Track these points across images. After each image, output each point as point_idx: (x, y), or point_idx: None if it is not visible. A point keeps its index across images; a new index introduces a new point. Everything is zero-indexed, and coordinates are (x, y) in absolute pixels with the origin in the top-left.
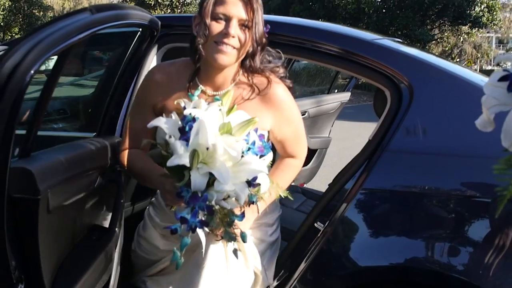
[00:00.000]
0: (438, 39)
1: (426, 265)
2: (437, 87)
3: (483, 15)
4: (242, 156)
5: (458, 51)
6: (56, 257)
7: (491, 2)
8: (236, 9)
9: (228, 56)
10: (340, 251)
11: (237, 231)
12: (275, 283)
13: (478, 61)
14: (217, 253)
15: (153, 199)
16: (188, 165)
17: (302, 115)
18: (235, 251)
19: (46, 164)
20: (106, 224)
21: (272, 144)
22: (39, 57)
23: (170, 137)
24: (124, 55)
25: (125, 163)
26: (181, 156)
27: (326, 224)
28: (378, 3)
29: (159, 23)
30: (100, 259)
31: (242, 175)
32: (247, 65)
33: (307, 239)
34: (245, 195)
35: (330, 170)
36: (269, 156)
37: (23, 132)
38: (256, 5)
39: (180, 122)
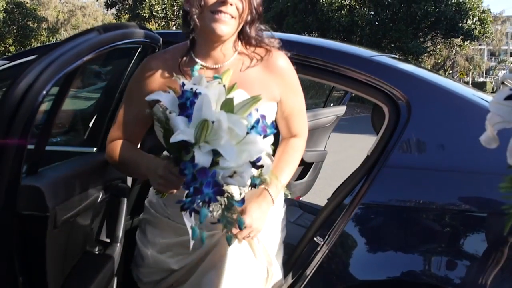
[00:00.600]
0: (431, 52)
1: (423, 278)
2: (434, 104)
3: (475, 28)
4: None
5: (450, 63)
6: (61, 272)
7: (483, 15)
8: None
9: (227, 26)
10: (339, 265)
11: (234, 216)
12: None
13: (471, 73)
14: (229, 256)
15: (143, 216)
16: (192, 141)
17: None
18: (229, 238)
19: (54, 180)
20: (108, 238)
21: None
22: (51, 78)
23: (170, 112)
24: (125, 70)
25: (112, 153)
26: (184, 131)
27: (326, 238)
28: (371, 16)
29: (160, 40)
30: (103, 274)
31: (245, 155)
32: (245, 34)
33: (307, 253)
34: (249, 176)
35: (324, 182)
36: (270, 138)
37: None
38: None
39: (178, 100)
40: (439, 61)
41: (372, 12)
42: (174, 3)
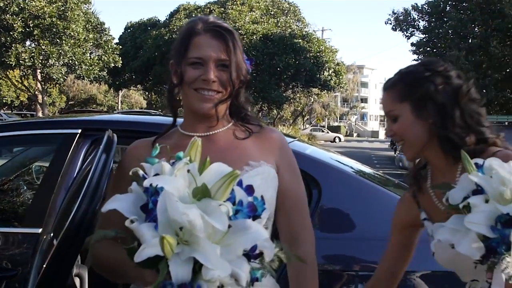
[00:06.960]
0: (292, 100)
1: None
2: (339, 186)
3: (331, 79)
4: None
5: (308, 109)
6: None
7: (338, 67)
8: (211, 50)
9: (212, 103)
10: None
11: None
12: None
13: (326, 118)
14: None
15: None
16: (162, 254)
17: None
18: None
19: None
20: None
21: None
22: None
23: (132, 222)
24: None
25: (96, 257)
26: (152, 244)
27: None
28: None
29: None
30: None
31: (236, 247)
32: (234, 104)
33: None
34: (246, 273)
35: None
36: (265, 213)
37: None
38: (231, 42)
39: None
40: (298, 108)
41: None
42: (42, 52)
